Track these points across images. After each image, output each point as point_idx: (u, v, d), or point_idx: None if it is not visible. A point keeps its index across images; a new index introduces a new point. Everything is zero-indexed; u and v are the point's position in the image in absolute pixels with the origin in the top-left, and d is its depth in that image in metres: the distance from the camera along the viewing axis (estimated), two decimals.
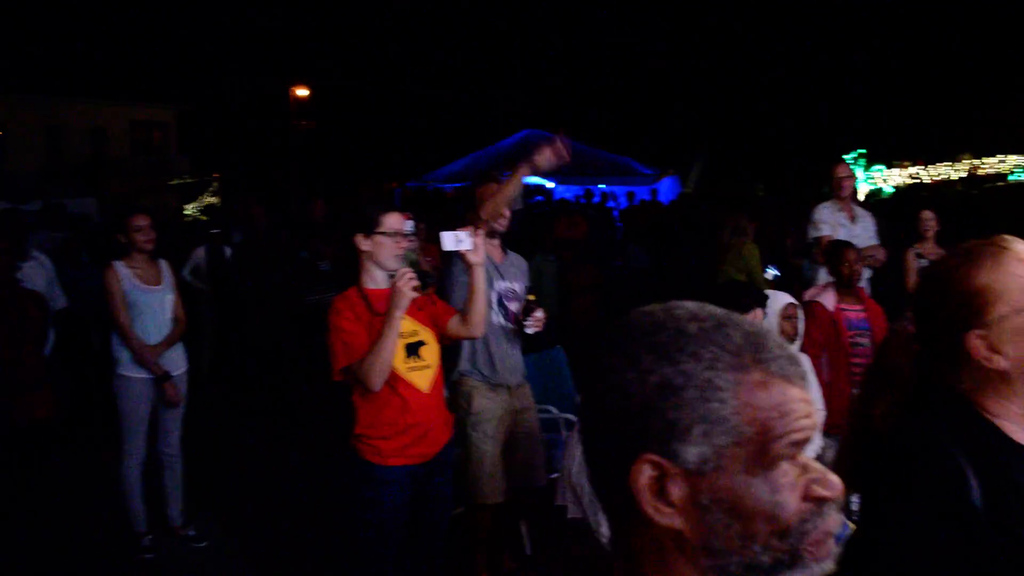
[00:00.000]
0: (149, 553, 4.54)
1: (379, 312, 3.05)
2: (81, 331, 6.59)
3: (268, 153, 31.83)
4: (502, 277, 3.94)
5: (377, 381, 2.99)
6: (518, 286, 4.02)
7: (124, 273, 4.41)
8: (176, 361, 4.61)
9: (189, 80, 34.70)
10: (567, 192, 16.63)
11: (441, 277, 3.94)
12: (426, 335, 3.23)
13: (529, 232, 7.94)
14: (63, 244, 7.27)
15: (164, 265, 4.64)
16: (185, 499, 4.78)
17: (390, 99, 38.22)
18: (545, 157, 3.77)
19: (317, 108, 30.54)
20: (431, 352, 3.23)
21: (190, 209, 20.48)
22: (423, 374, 3.18)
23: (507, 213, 3.92)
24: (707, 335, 0.81)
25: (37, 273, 5.67)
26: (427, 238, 6.11)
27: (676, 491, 0.79)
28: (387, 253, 3.18)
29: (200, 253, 7.78)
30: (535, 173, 3.94)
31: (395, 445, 3.12)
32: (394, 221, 3.21)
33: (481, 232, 3.43)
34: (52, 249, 6.81)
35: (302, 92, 29.78)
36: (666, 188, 18.54)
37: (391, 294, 2.99)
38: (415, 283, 2.99)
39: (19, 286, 4.41)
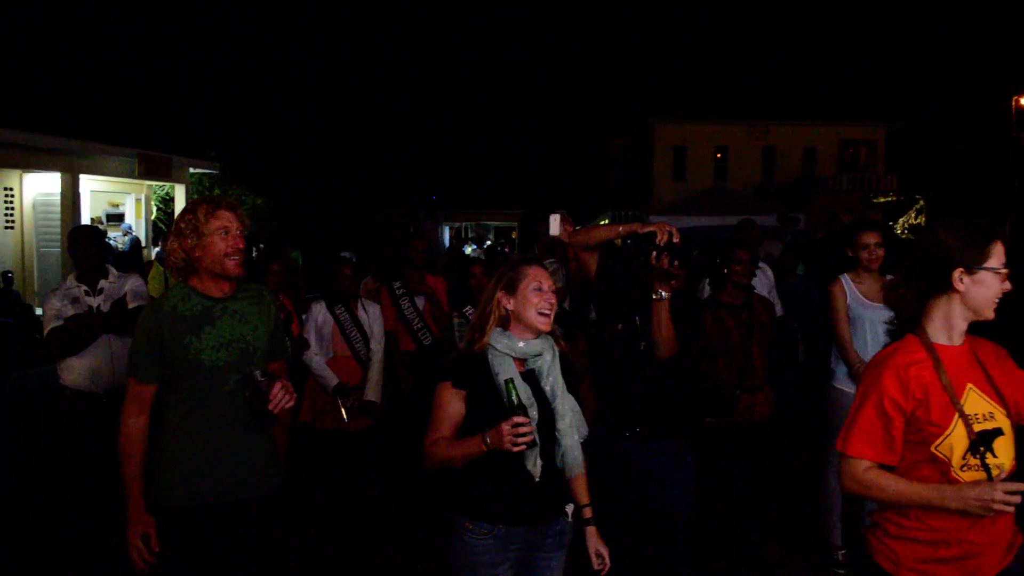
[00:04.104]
0: (840, 568, 4.56)
1: None
2: (790, 339, 6.93)
3: (984, 170, 29.30)
4: None
5: None
6: None
7: (849, 288, 4.49)
8: None
9: (900, 97, 33.91)
10: None
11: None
12: None
13: None
14: (781, 256, 7.72)
15: None
16: None
17: None
18: None
19: None
20: None
21: (898, 228, 20.01)
22: None
23: None
24: None
25: (761, 282, 6.12)
26: None
27: None
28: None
29: None
30: None
31: None
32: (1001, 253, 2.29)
33: None
34: (772, 261, 7.30)
35: None
36: None
37: None
38: None
39: (752, 291, 4.80)
